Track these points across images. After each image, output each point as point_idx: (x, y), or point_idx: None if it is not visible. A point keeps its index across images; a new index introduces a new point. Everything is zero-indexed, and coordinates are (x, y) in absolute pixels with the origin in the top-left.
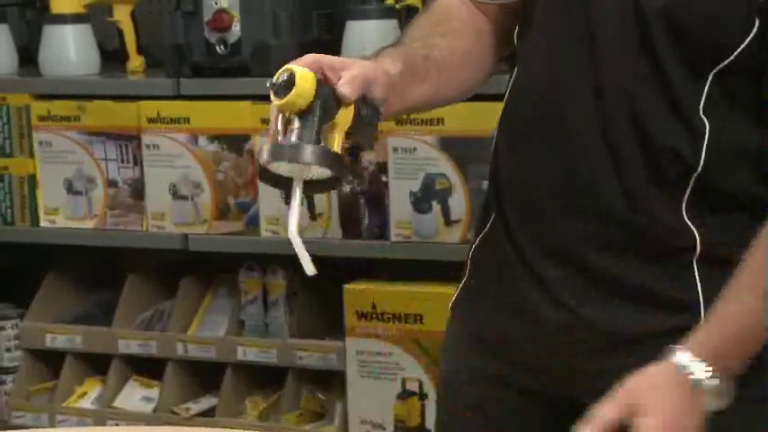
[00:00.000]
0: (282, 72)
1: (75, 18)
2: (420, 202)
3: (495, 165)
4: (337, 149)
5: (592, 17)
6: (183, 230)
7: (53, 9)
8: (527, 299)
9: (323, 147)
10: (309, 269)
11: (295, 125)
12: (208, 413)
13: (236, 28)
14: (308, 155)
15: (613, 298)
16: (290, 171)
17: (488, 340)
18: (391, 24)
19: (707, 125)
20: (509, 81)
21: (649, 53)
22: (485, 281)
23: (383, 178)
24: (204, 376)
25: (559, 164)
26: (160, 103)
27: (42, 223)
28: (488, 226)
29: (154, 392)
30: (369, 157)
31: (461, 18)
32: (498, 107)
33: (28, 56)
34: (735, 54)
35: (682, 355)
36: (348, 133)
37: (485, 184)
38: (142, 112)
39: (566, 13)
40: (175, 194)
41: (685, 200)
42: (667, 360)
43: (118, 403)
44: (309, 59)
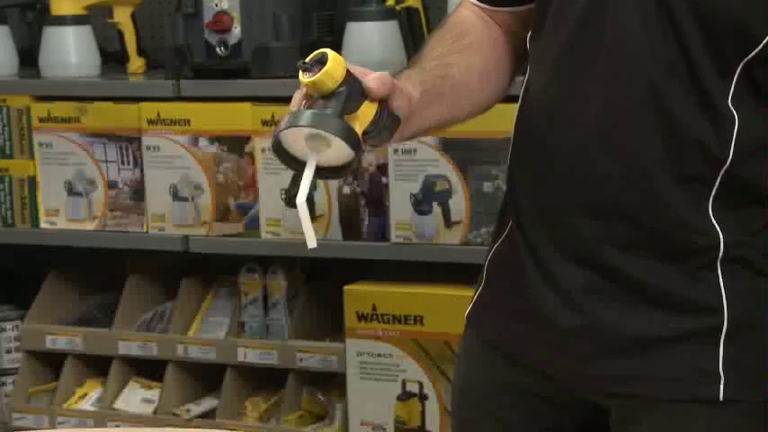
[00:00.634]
0: (316, 54)
1: (76, 20)
2: (420, 203)
3: (512, 172)
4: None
5: (613, 12)
6: (183, 232)
7: (53, 11)
8: (545, 305)
9: (347, 122)
10: (311, 242)
11: (318, 105)
12: (208, 414)
13: (237, 30)
14: (333, 124)
15: (634, 301)
16: (306, 145)
17: (506, 348)
18: (391, 26)
19: (736, 117)
20: (522, 85)
21: (677, 45)
22: (501, 290)
23: (383, 180)
24: (205, 377)
25: (581, 166)
26: (160, 105)
27: (43, 225)
28: (504, 235)
29: (154, 394)
30: (369, 159)
31: (477, 32)
32: (499, 109)
33: (28, 57)
34: (763, 43)
35: None
36: (364, 132)
37: (485, 185)
38: (142, 113)
39: (585, 9)
40: (176, 196)
41: (712, 197)
42: None
43: (118, 405)
44: None
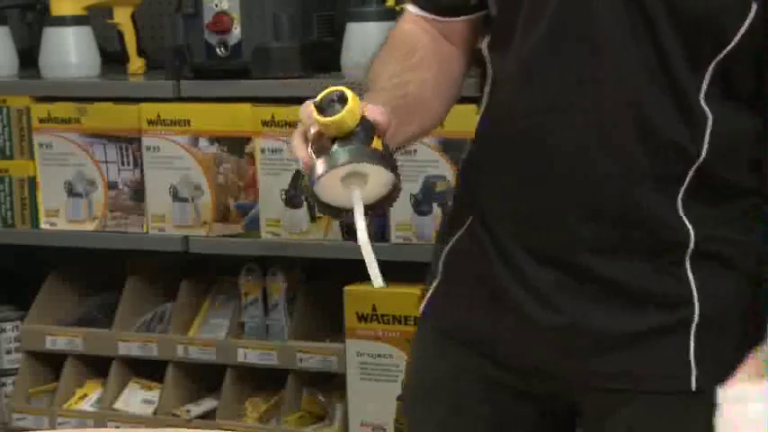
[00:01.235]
0: (329, 92)
1: (76, 20)
2: (420, 204)
3: (475, 172)
4: None
5: (588, 13)
6: (183, 232)
7: (53, 11)
8: (516, 301)
9: (380, 150)
10: (377, 281)
11: (339, 145)
12: (208, 415)
13: (237, 30)
14: (375, 156)
15: (606, 298)
16: (342, 186)
17: (469, 339)
18: (392, 26)
19: (709, 114)
20: (483, 94)
21: (652, 45)
22: (463, 283)
23: None
24: (205, 378)
25: (553, 168)
26: (160, 106)
27: (43, 225)
28: (462, 231)
29: (154, 394)
30: None
31: (425, 47)
32: None
33: (28, 58)
34: (735, 40)
35: None
36: None
37: None
38: (142, 114)
39: (559, 12)
40: (176, 196)
41: (681, 193)
42: None
43: (118, 405)
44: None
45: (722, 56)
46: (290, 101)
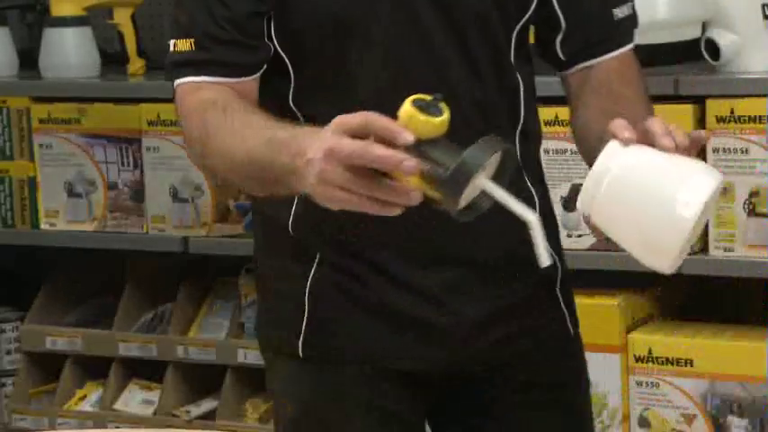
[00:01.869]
0: (424, 97)
1: (76, 21)
2: None
3: (318, 213)
4: None
5: (418, 41)
6: (183, 233)
7: (53, 12)
8: (405, 309)
9: (483, 140)
10: (544, 260)
11: (436, 152)
12: (208, 416)
13: None
14: (488, 140)
15: (487, 286)
16: (474, 185)
17: (366, 359)
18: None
19: (519, 78)
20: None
21: (461, 45)
22: (338, 311)
23: None
24: (204, 379)
25: None
26: (160, 106)
27: (42, 226)
28: (314, 269)
29: (154, 395)
30: None
31: (241, 97)
32: None
33: (28, 59)
34: (531, 9)
35: None
36: None
37: None
38: (142, 114)
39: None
40: (176, 197)
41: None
42: None
43: (118, 406)
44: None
45: (522, 24)
46: None
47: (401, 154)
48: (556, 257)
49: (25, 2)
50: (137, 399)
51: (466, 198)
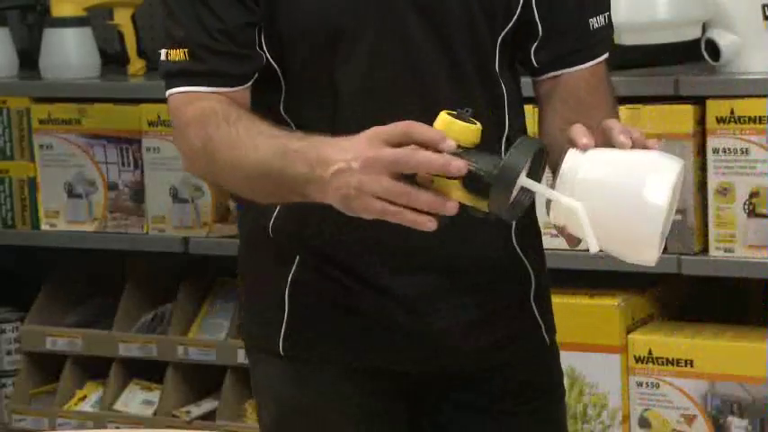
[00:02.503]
0: (459, 110)
1: (76, 21)
2: None
3: (298, 214)
4: None
5: (404, 49)
6: (183, 233)
7: (54, 12)
8: (385, 314)
9: (521, 140)
10: (593, 246)
11: (475, 158)
12: (208, 416)
13: None
14: (524, 140)
15: (464, 295)
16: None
17: (346, 358)
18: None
19: (505, 93)
20: None
21: (447, 53)
22: (317, 312)
23: None
24: (205, 379)
25: None
26: (161, 107)
27: (43, 226)
28: (293, 270)
29: (154, 396)
30: None
31: (239, 105)
32: None
33: (28, 59)
34: (515, 17)
35: None
36: None
37: None
38: (143, 115)
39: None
40: (176, 197)
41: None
42: None
43: (118, 406)
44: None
45: (505, 32)
46: None
47: (447, 156)
48: (528, 266)
49: (25, 2)
50: (137, 399)
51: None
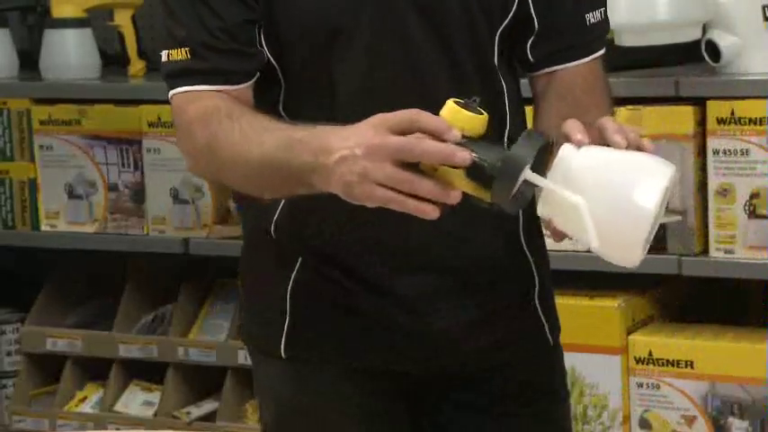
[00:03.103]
0: (464, 99)
1: (76, 22)
2: None
3: (300, 216)
4: None
5: (404, 49)
6: (183, 234)
7: (54, 13)
8: (385, 315)
9: (527, 133)
10: (594, 242)
11: (480, 149)
12: (209, 417)
13: None
14: (530, 132)
15: (467, 295)
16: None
17: (348, 360)
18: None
19: (504, 88)
20: None
21: (446, 50)
22: (318, 314)
23: None
24: (205, 380)
25: None
26: (161, 108)
27: (43, 227)
28: (295, 272)
29: (154, 397)
30: None
31: (242, 103)
32: None
33: (29, 60)
34: (511, 13)
35: None
36: None
37: None
38: (143, 116)
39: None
40: (176, 198)
41: None
42: None
43: (118, 407)
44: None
45: (502, 28)
46: None
47: (452, 146)
48: (533, 265)
49: (26, 3)
50: (137, 400)
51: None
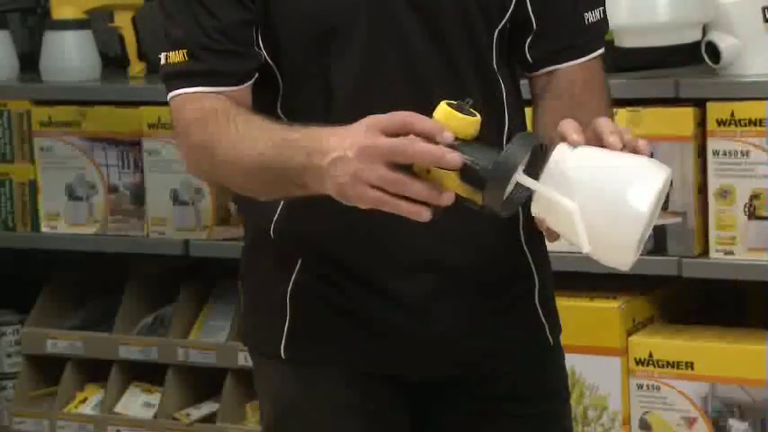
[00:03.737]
0: (456, 102)
1: (76, 24)
2: None
3: (299, 220)
4: None
5: (401, 48)
6: (183, 236)
7: (54, 15)
8: (384, 317)
9: (520, 135)
10: (586, 247)
11: (473, 151)
12: (208, 419)
13: None
14: (525, 134)
15: (467, 294)
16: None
17: (348, 362)
18: None
19: (503, 87)
20: None
21: (442, 50)
22: (318, 315)
23: None
24: (205, 382)
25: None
26: (161, 109)
27: (43, 229)
28: (295, 273)
29: (155, 398)
30: None
31: (243, 106)
32: None
33: (29, 62)
34: (509, 12)
35: None
36: None
37: None
38: (143, 117)
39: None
40: (176, 200)
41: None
42: None
43: (119, 409)
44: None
45: (500, 27)
46: None
47: (444, 148)
48: (533, 265)
49: (26, 5)
50: (137, 402)
51: (506, 193)
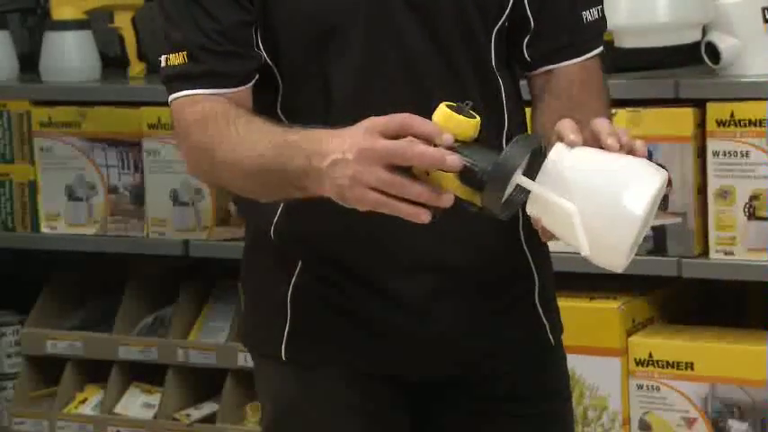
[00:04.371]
0: (455, 103)
1: (76, 24)
2: None
3: (299, 222)
4: None
5: (399, 48)
6: (183, 236)
7: (54, 15)
8: (385, 317)
9: (519, 137)
10: (585, 250)
11: (472, 153)
12: (208, 419)
13: None
14: (526, 136)
15: (468, 295)
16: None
17: (348, 363)
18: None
19: (502, 87)
20: None
21: (441, 50)
22: (318, 316)
23: None
24: (205, 382)
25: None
26: (161, 110)
27: (43, 229)
28: (295, 274)
29: (154, 399)
30: None
31: (243, 107)
32: None
33: (29, 62)
34: (507, 12)
35: None
36: None
37: None
38: (143, 118)
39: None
40: (176, 200)
41: None
42: None
43: (118, 409)
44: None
45: (498, 27)
46: None
47: (443, 150)
48: (533, 265)
49: (26, 5)
50: (137, 402)
51: (505, 195)
